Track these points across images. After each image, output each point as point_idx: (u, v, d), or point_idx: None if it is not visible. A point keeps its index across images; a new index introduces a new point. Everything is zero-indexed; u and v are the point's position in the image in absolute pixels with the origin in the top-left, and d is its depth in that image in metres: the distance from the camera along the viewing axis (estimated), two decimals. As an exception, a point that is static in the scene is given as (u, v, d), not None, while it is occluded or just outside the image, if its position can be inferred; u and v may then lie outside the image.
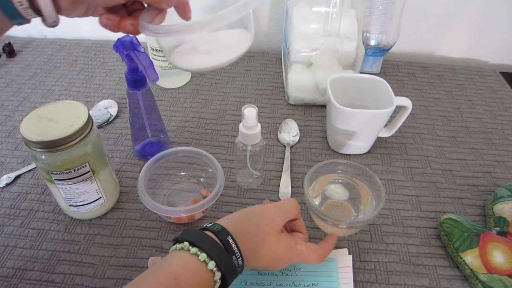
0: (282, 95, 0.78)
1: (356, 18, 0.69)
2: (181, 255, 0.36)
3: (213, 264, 0.35)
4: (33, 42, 0.94)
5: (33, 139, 0.44)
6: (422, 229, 0.55)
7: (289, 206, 0.44)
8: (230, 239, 0.38)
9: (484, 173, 0.63)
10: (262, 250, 0.40)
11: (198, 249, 0.36)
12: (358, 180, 0.55)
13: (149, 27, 0.36)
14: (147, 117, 0.60)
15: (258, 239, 0.40)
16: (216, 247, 0.37)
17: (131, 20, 0.37)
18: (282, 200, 0.46)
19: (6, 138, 0.68)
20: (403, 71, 0.86)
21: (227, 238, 0.38)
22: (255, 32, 1.02)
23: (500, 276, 0.45)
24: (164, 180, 0.59)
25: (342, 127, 0.61)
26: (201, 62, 0.40)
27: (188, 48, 0.41)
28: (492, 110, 0.76)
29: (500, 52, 0.92)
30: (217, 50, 0.40)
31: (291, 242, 0.42)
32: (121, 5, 0.38)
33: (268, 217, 0.42)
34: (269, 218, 0.42)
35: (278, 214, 0.42)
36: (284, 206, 0.44)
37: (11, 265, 0.50)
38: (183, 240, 0.37)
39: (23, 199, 0.58)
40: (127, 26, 0.37)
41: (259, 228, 0.41)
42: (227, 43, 0.41)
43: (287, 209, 0.44)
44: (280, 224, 0.42)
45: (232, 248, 0.37)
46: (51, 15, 0.33)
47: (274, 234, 0.41)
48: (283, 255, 0.42)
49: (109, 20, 0.36)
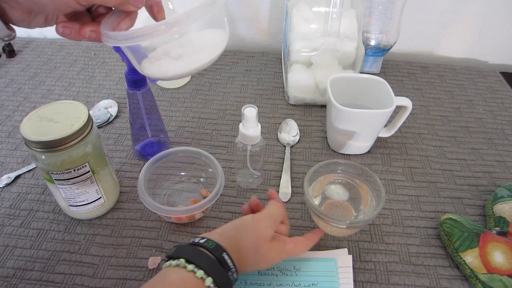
0: (282, 95, 0.78)
1: (356, 18, 0.69)
2: (178, 272, 0.36)
3: (210, 280, 0.35)
4: (33, 42, 0.94)
5: (33, 139, 0.44)
6: (422, 229, 0.55)
7: (278, 213, 0.45)
8: (226, 256, 0.38)
9: (484, 173, 0.63)
10: (254, 260, 0.41)
11: (195, 266, 0.36)
12: (358, 180, 0.55)
13: (107, 34, 0.32)
14: (147, 117, 0.60)
15: (251, 252, 0.41)
16: (212, 264, 0.37)
17: (92, 27, 0.33)
18: (270, 207, 0.46)
19: (6, 138, 0.68)
20: (403, 71, 0.86)
21: (223, 255, 0.38)
22: (256, 32, 1.02)
23: (500, 276, 0.45)
24: (164, 180, 0.59)
25: (342, 127, 0.61)
26: (170, 69, 0.36)
27: (161, 53, 0.36)
28: (492, 110, 0.76)
29: (500, 52, 0.92)
30: (188, 54, 0.36)
31: (280, 245, 0.43)
32: (85, 11, 0.35)
33: (260, 230, 0.42)
34: (261, 231, 0.42)
35: (269, 226, 0.43)
36: (274, 215, 0.44)
37: (11, 265, 0.50)
38: (178, 257, 0.37)
39: (23, 199, 0.58)
40: (87, 33, 0.33)
41: (252, 242, 0.41)
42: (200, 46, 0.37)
43: (277, 218, 0.45)
44: (271, 233, 0.43)
45: (228, 265, 0.38)
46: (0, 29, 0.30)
47: (266, 245, 0.42)
48: (274, 259, 0.43)
49: (66, 29, 0.33)
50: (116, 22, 0.33)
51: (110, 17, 0.34)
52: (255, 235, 0.41)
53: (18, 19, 0.31)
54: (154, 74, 0.36)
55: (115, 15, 0.34)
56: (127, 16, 0.34)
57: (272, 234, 0.43)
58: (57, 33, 0.33)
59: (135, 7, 0.33)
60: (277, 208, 0.46)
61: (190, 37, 0.36)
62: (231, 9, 0.90)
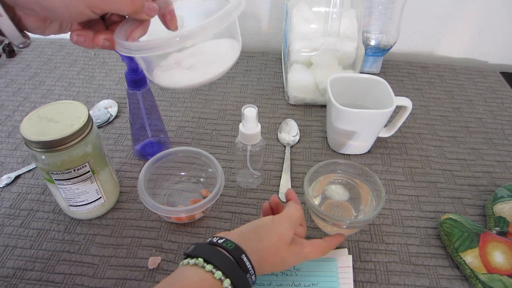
0: (282, 95, 0.78)
1: (356, 18, 0.69)
2: (195, 271, 0.35)
3: (228, 282, 0.35)
4: (33, 42, 0.94)
5: (33, 139, 0.44)
6: (422, 229, 0.55)
7: (298, 216, 0.45)
8: (245, 258, 0.37)
9: (484, 173, 0.63)
10: (273, 263, 0.41)
11: (213, 267, 0.35)
12: (358, 180, 0.55)
13: (122, 44, 0.32)
14: (147, 117, 0.60)
15: (270, 254, 0.40)
16: (231, 265, 0.36)
17: (106, 35, 0.33)
18: (290, 209, 0.45)
19: (6, 138, 0.68)
20: (403, 71, 0.86)
21: (241, 256, 0.37)
22: (256, 32, 1.02)
23: (500, 276, 0.45)
24: (164, 180, 0.59)
25: (342, 127, 0.61)
26: (182, 79, 0.36)
27: (172, 62, 0.36)
28: (492, 110, 0.76)
29: (500, 52, 0.92)
30: (201, 64, 0.36)
31: (298, 248, 0.43)
32: (99, 18, 0.35)
33: (280, 232, 0.41)
34: (281, 233, 0.41)
35: (289, 229, 0.42)
36: (294, 217, 0.44)
37: (11, 265, 0.50)
38: (196, 256, 0.36)
39: (23, 199, 0.58)
40: (101, 41, 0.33)
41: (272, 245, 0.40)
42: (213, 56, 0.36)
43: (296, 220, 0.44)
44: (291, 236, 0.42)
45: (247, 267, 0.37)
46: (15, 37, 0.31)
47: (285, 248, 0.41)
48: (291, 262, 0.43)
49: (80, 37, 0.33)
50: (130, 31, 0.34)
51: (124, 25, 0.34)
52: (275, 238, 0.41)
53: (33, 27, 0.32)
54: (165, 84, 0.36)
55: (129, 24, 0.34)
56: (140, 25, 0.34)
57: (292, 237, 0.42)
58: (72, 41, 0.33)
59: (148, 16, 0.33)
60: (296, 211, 0.45)
61: (203, 46, 0.36)
62: (231, 9, 0.90)
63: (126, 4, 0.31)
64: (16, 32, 0.31)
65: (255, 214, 0.56)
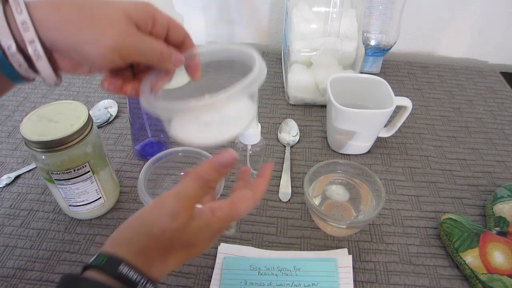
0: (282, 95, 0.78)
1: (356, 18, 0.69)
2: None
3: None
4: (33, 42, 0.94)
5: (33, 139, 0.44)
6: (422, 229, 0.55)
7: (192, 189, 0.32)
8: (125, 269, 0.29)
9: (484, 173, 0.63)
10: (175, 253, 0.32)
11: None
12: (358, 180, 0.55)
13: (148, 101, 0.33)
14: (147, 117, 0.60)
15: (165, 243, 0.31)
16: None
17: (133, 84, 0.35)
18: (181, 183, 0.33)
19: (6, 138, 0.68)
20: (403, 71, 0.86)
21: (119, 269, 0.28)
22: (256, 32, 1.02)
23: (500, 276, 0.45)
24: (164, 180, 0.59)
25: (342, 127, 0.61)
26: (198, 137, 0.35)
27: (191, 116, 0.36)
28: (492, 110, 0.76)
29: (500, 52, 0.92)
30: (218, 123, 0.35)
31: (206, 217, 0.33)
32: (128, 66, 0.36)
33: (165, 213, 0.31)
34: (168, 212, 0.31)
35: (177, 213, 0.31)
36: (184, 192, 0.32)
37: (11, 265, 0.50)
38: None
39: (23, 199, 0.58)
40: (128, 90, 0.35)
41: (160, 233, 0.31)
42: (231, 117, 0.36)
43: (190, 194, 0.32)
44: (186, 212, 0.31)
45: (129, 278, 0.28)
46: (50, 77, 0.32)
47: (184, 226, 0.31)
48: (205, 236, 0.33)
49: (111, 85, 0.35)
50: (155, 80, 0.35)
51: (150, 75, 0.35)
52: (162, 222, 0.30)
53: (66, 69, 0.33)
54: (181, 139, 0.36)
55: (155, 73, 0.35)
56: (166, 74, 0.35)
57: (189, 212, 0.32)
58: (103, 87, 0.35)
59: (174, 66, 0.34)
60: (191, 183, 0.32)
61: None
62: (231, 10, 0.90)
63: (155, 55, 0.33)
64: (52, 74, 0.32)
65: (255, 214, 0.56)
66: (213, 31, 0.95)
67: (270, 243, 0.53)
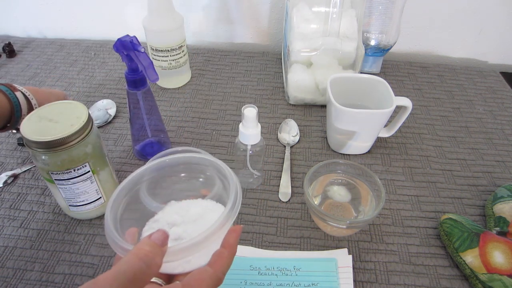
0: (282, 95, 0.78)
1: (356, 18, 0.69)
2: None
3: None
4: (33, 42, 0.94)
5: (33, 139, 0.44)
6: (422, 229, 0.55)
7: (133, 270, 0.26)
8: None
9: (484, 173, 0.63)
10: None
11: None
12: (358, 180, 0.55)
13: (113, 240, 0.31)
14: (147, 117, 0.60)
15: None
16: None
17: None
18: (121, 262, 0.27)
19: (6, 138, 0.68)
20: (403, 71, 0.86)
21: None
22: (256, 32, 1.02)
23: (500, 276, 0.45)
24: (164, 180, 0.59)
25: (342, 127, 0.61)
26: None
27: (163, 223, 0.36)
28: (492, 110, 0.76)
29: (500, 52, 0.92)
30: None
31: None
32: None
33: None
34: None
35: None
36: (124, 274, 0.26)
37: (11, 266, 0.50)
38: None
39: (23, 199, 0.58)
40: None
41: None
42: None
43: (131, 276, 0.26)
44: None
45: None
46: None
47: None
48: None
49: None
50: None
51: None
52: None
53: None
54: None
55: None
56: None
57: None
58: None
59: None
60: (136, 263, 0.27)
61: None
62: (231, 10, 0.90)
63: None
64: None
65: (254, 214, 0.56)
66: (213, 31, 0.95)
67: (270, 243, 0.53)
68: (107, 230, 0.32)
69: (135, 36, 0.50)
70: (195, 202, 0.40)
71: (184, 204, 0.40)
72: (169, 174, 0.43)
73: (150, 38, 0.74)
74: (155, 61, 0.75)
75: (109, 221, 0.32)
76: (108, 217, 0.33)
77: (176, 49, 0.74)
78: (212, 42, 0.97)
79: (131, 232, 0.34)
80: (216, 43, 0.97)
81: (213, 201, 0.39)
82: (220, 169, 0.38)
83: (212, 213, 0.37)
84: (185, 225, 0.36)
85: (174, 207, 0.40)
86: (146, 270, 0.27)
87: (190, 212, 0.38)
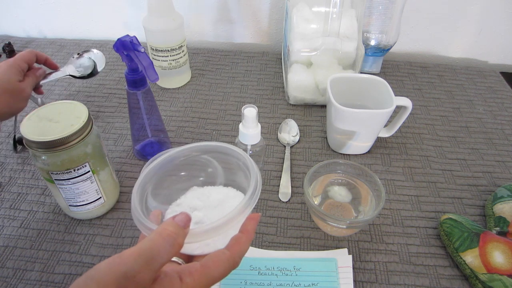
0: (282, 95, 0.78)
1: (356, 18, 0.69)
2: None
3: None
4: (33, 42, 0.94)
5: (33, 139, 0.44)
6: (422, 229, 0.55)
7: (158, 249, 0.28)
8: None
9: (484, 173, 0.63)
10: None
11: None
12: (358, 180, 0.55)
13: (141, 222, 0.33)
14: (147, 117, 0.60)
15: None
16: None
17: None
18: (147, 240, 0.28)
19: (6, 138, 0.68)
20: (403, 71, 0.86)
21: None
22: (256, 32, 1.02)
23: (500, 276, 0.45)
24: (165, 180, 0.59)
25: (342, 127, 0.61)
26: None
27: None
28: (492, 110, 0.76)
29: (500, 52, 0.92)
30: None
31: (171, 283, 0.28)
32: None
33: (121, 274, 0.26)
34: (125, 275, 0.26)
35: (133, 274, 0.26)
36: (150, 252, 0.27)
37: (11, 266, 0.50)
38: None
39: (23, 199, 0.58)
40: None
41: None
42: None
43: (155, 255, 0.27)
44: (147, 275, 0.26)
45: None
46: None
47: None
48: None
49: None
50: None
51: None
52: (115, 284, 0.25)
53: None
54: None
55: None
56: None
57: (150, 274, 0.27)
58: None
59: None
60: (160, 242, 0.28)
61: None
62: (231, 10, 0.90)
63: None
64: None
65: (255, 214, 0.56)
66: (213, 31, 0.95)
67: (270, 243, 0.53)
68: (133, 210, 0.34)
69: (135, 36, 0.50)
70: (216, 188, 0.41)
71: (206, 190, 0.41)
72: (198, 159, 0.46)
73: (150, 38, 0.74)
74: (155, 61, 0.75)
75: (136, 202, 0.35)
76: (134, 198, 0.35)
77: (176, 49, 0.74)
78: (212, 42, 0.97)
79: (155, 213, 0.36)
80: (216, 43, 0.97)
81: (233, 188, 0.41)
82: (242, 159, 0.40)
83: (232, 200, 0.39)
84: (206, 210, 0.38)
85: (196, 192, 0.42)
86: (169, 249, 0.28)
87: (211, 198, 0.40)
